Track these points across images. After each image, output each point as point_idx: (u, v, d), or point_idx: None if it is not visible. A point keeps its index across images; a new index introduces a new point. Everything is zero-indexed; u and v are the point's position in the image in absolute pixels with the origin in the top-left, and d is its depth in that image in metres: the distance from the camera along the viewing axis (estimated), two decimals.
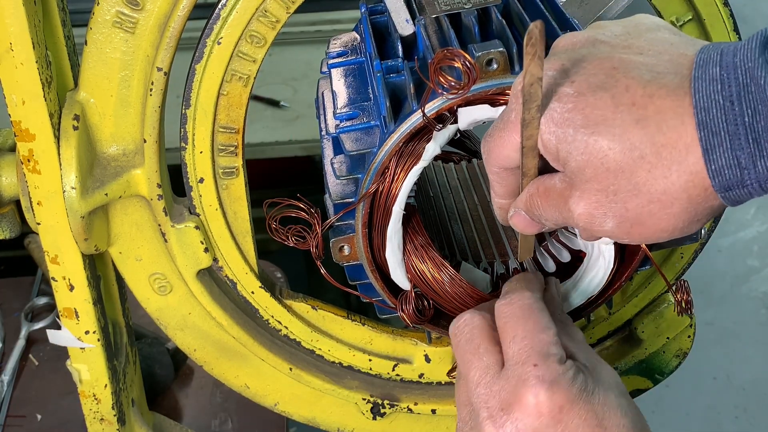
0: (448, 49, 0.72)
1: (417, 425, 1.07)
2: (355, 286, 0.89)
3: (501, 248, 0.96)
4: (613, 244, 0.83)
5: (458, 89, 0.73)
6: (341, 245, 0.85)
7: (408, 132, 0.77)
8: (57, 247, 0.92)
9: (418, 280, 0.85)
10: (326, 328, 1.01)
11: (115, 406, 1.04)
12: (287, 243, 0.84)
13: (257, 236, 0.97)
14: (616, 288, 0.87)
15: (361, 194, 0.81)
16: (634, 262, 0.85)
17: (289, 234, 0.84)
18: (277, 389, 1.04)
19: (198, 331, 1.00)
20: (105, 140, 0.89)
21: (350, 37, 0.93)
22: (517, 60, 0.76)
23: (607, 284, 0.86)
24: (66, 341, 0.98)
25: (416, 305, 0.86)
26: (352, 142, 0.80)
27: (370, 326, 1.01)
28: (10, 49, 0.81)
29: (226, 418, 1.41)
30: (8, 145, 0.94)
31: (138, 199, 0.92)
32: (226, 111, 0.87)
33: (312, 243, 0.83)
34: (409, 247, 0.84)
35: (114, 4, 0.82)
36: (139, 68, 0.85)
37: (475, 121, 0.77)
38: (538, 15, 0.81)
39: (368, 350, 1.02)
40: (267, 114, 2.46)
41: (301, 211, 0.82)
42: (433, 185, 1.05)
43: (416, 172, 0.79)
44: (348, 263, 0.86)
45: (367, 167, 0.80)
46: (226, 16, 0.83)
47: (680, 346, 1.05)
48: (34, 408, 1.42)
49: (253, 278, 0.97)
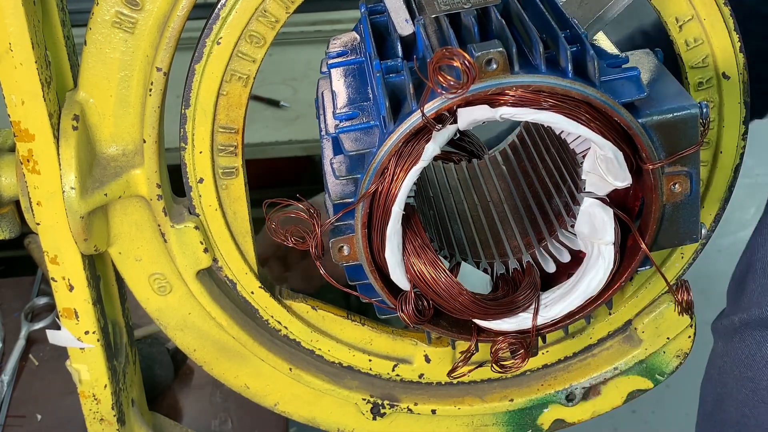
0: (447, 49, 0.72)
1: (417, 425, 1.07)
2: (354, 287, 0.89)
3: (501, 248, 0.96)
4: (613, 245, 0.84)
5: (457, 89, 0.73)
6: (341, 245, 0.85)
7: (407, 132, 0.77)
8: (57, 248, 0.91)
9: (417, 280, 0.85)
10: (326, 329, 1.01)
11: (115, 406, 1.04)
12: (287, 243, 0.84)
13: (257, 236, 0.97)
14: (616, 288, 0.87)
15: (360, 194, 0.80)
16: (634, 263, 0.85)
17: (288, 234, 0.83)
18: (277, 389, 1.04)
19: (198, 331, 1.00)
20: (104, 140, 0.89)
21: (350, 37, 0.93)
22: (517, 60, 0.76)
23: (607, 284, 0.86)
24: (66, 341, 0.98)
25: (416, 305, 0.86)
26: (351, 142, 0.80)
27: (370, 326, 1.01)
28: (10, 49, 0.80)
29: (226, 418, 1.41)
30: (8, 146, 0.94)
31: (138, 200, 0.92)
32: (225, 111, 0.87)
33: (311, 243, 0.83)
34: (408, 248, 0.84)
35: (113, 4, 0.82)
36: (138, 68, 0.85)
37: (475, 121, 0.77)
38: (537, 15, 0.81)
39: (368, 350, 1.02)
40: (267, 114, 2.46)
41: (301, 212, 0.82)
42: (433, 185, 1.05)
43: (416, 172, 0.79)
44: (347, 263, 0.86)
45: (366, 167, 0.79)
46: (226, 16, 0.83)
47: (680, 346, 1.05)
48: (34, 408, 1.42)
49: (252, 278, 0.97)
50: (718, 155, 0.95)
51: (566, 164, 0.93)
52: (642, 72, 0.80)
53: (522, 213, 0.98)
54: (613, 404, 1.08)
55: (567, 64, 0.76)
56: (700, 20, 0.88)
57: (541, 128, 1.01)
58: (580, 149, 0.86)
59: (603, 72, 0.78)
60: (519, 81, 0.76)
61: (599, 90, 0.76)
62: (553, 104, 0.76)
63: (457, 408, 1.05)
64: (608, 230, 0.83)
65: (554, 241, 0.91)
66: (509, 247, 0.95)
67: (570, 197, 0.90)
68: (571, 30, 0.80)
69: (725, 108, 0.92)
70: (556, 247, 0.91)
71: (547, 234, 0.92)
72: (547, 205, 0.95)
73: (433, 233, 0.95)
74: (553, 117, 0.76)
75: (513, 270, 0.93)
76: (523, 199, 1.00)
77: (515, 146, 1.05)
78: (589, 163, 0.83)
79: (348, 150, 0.80)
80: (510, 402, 1.06)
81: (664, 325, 1.04)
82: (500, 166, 1.06)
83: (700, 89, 0.91)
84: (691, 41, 0.89)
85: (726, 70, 0.90)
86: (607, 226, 0.83)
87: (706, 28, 0.88)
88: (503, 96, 0.76)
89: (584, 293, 0.86)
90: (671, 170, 0.81)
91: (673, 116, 0.79)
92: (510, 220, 0.99)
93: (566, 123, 0.77)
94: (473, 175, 1.06)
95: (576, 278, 0.87)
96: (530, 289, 0.87)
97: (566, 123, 0.77)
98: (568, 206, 0.91)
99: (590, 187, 0.84)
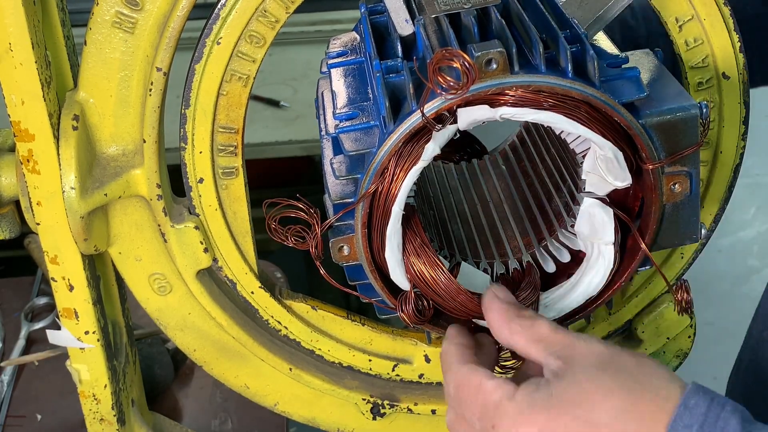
0: (446, 49, 0.72)
1: (417, 425, 1.07)
2: (354, 287, 0.89)
3: (501, 248, 0.96)
4: (613, 245, 0.83)
5: (457, 89, 0.72)
6: (341, 245, 0.85)
7: (407, 132, 0.77)
8: (57, 248, 0.91)
9: (417, 280, 0.85)
10: (326, 329, 1.01)
11: (115, 406, 1.04)
12: (287, 243, 0.84)
13: (257, 236, 0.97)
14: (616, 288, 0.87)
15: (360, 194, 0.80)
16: (633, 263, 0.85)
17: (288, 234, 0.83)
18: (277, 389, 1.04)
19: (198, 331, 1.00)
20: (104, 140, 0.89)
21: (350, 37, 0.93)
22: (517, 60, 0.76)
23: (607, 284, 0.86)
24: (66, 341, 0.98)
25: (416, 305, 0.86)
26: (351, 142, 0.80)
27: (369, 326, 1.01)
28: (10, 49, 0.81)
29: (226, 418, 1.41)
30: (8, 146, 0.94)
31: (137, 200, 0.92)
32: (225, 111, 0.87)
33: (311, 243, 0.83)
34: (408, 248, 0.84)
35: (113, 5, 0.82)
36: (138, 68, 0.85)
37: (475, 121, 0.77)
38: (537, 15, 0.81)
39: (368, 350, 1.02)
40: (267, 114, 2.46)
41: (300, 212, 0.82)
42: (433, 185, 1.05)
43: (416, 172, 0.79)
44: (347, 263, 0.86)
45: (366, 167, 0.79)
46: (226, 16, 0.83)
47: (680, 346, 1.05)
48: (34, 408, 1.42)
49: (252, 278, 0.97)
50: (718, 155, 0.95)
51: (566, 164, 0.93)
52: (642, 72, 0.80)
53: (522, 213, 0.98)
54: None
55: (567, 64, 0.76)
56: (700, 20, 0.88)
57: (541, 128, 1.01)
58: (580, 149, 0.86)
59: (603, 72, 0.78)
60: (519, 81, 0.76)
61: (599, 90, 0.76)
62: (554, 104, 0.76)
63: None
64: (608, 230, 0.83)
65: (554, 241, 0.91)
66: (509, 247, 0.95)
67: (570, 197, 0.90)
68: (571, 30, 0.80)
69: (725, 108, 0.92)
70: (556, 247, 0.91)
71: (547, 234, 0.92)
72: (547, 205, 0.95)
73: (433, 233, 0.95)
74: (553, 117, 0.76)
75: (513, 270, 0.93)
76: (523, 200, 1.00)
77: (515, 146, 1.05)
78: (589, 163, 0.83)
79: (348, 150, 0.79)
80: None
81: (664, 325, 1.04)
82: (500, 166, 1.06)
83: (700, 89, 0.91)
84: (691, 41, 0.89)
85: (726, 70, 0.90)
86: (607, 226, 0.83)
87: (706, 28, 0.88)
88: (503, 96, 0.76)
89: (584, 293, 0.86)
90: (671, 170, 0.81)
91: (673, 116, 0.79)
92: (510, 220, 0.99)
93: (566, 123, 0.77)
94: (473, 175, 1.06)
95: (576, 278, 0.87)
96: (530, 289, 0.87)
97: (566, 123, 0.77)
98: (568, 206, 0.91)
99: (590, 187, 0.84)
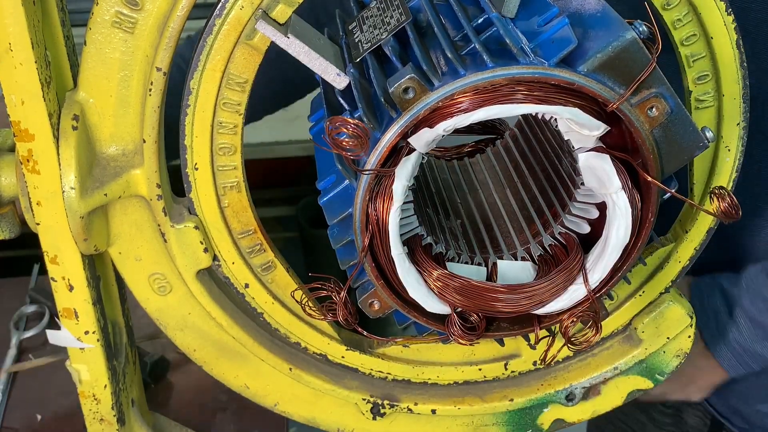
0: (331, 120, 0.72)
1: (417, 425, 1.07)
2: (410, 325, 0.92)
3: (522, 237, 0.94)
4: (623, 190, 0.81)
5: (359, 149, 0.73)
6: (370, 302, 0.86)
7: (367, 186, 0.78)
8: (56, 248, 0.91)
9: (456, 305, 0.85)
10: (425, 358, 1.03)
11: (115, 406, 1.04)
12: (326, 320, 0.87)
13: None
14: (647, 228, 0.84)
15: (359, 253, 0.81)
16: (651, 197, 0.82)
17: (324, 311, 0.85)
18: (277, 389, 1.04)
19: (198, 331, 1.00)
20: (104, 140, 0.89)
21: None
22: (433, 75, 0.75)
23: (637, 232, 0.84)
24: (66, 341, 0.98)
25: (463, 323, 0.86)
26: (330, 213, 0.83)
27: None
28: (9, 49, 0.80)
29: (226, 418, 1.41)
30: (7, 146, 0.94)
31: (137, 199, 0.92)
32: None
33: (339, 312, 0.83)
34: (428, 278, 0.84)
35: (113, 4, 0.82)
36: (138, 68, 0.85)
37: (428, 141, 0.77)
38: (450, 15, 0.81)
39: (474, 361, 1.04)
40: None
41: (321, 290, 0.83)
42: (436, 184, 1.05)
43: (396, 213, 0.79)
44: (385, 313, 0.87)
45: (352, 227, 0.81)
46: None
47: (680, 345, 1.05)
48: (34, 408, 1.42)
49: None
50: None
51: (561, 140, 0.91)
52: (582, 15, 0.78)
53: (536, 193, 0.97)
54: (613, 404, 1.08)
55: (483, 55, 0.75)
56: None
57: (529, 116, 1.01)
58: None
59: (532, 38, 0.76)
60: (440, 95, 0.75)
61: (524, 65, 0.74)
62: (484, 100, 0.75)
63: (457, 408, 1.05)
64: (612, 177, 0.81)
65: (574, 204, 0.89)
66: (529, 233, 0.94)
67: (572, 167, 0.89)
68: (484, 14, 0.78)
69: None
70: (579, 209, 0.89)
71: (560, 209, 0.91)
72: (555, 179, 0.94)
73: (450, 241, 0.95)
74: (489, 111, 0.75)
75: (549, 245, 0.91)
76: (530, 185, 0.99)
77: (515, 136, 1.06)
78: (562, 125, 0.81)
79: (330, 220, 0.82)
80: (510, 402, 1.06)
81: (664, 325, 1.04)
82: (502, 157, 1.06)
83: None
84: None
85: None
86: (610, 173, 0.81)
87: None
88: (437, 112, 0.75)
89: (616, 246, 0.83)
90: (639, 98, 0.78)
91: (611, 49, 0.76)
92: (525, 204, 0.98)
93: (505, 109, 0.75)
94: (477, 170, 1.06)
95: (605, 234, 0.84)
96: (577, 253, 0.85)
97: (505, 109, 0.75)
98: (571, 176, 0.90)
99: (577, 144, 0.83)
